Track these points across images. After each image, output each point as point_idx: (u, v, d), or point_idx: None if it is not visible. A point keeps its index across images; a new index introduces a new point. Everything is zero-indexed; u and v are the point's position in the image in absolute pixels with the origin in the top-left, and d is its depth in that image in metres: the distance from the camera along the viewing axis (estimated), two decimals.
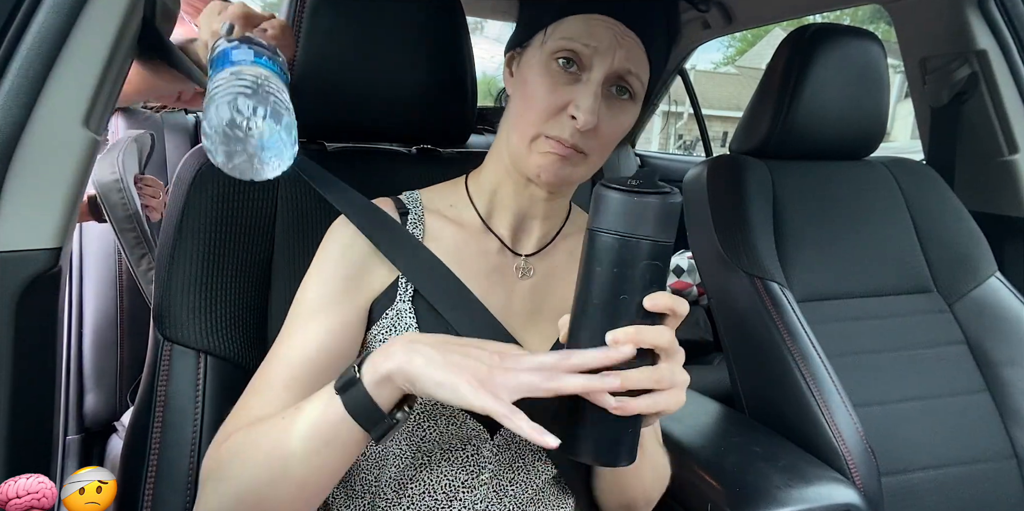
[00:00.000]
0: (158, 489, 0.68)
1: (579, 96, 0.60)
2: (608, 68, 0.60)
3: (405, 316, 0.64)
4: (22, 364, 0.54)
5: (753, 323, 1.08)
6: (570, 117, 0.60)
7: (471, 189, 0.72)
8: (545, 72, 0.61)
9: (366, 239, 0.65)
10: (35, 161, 0.54)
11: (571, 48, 0.60)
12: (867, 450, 0.97)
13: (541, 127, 0.61)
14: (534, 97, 0.61)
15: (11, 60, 0.52)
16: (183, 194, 0.74)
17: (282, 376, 0.61)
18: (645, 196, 0.48)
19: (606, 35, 0.60)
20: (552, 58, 0.61)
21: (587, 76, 0.60)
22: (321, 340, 0.62)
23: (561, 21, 0.61)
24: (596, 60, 0.60)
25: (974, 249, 1.21)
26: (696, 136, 2.58)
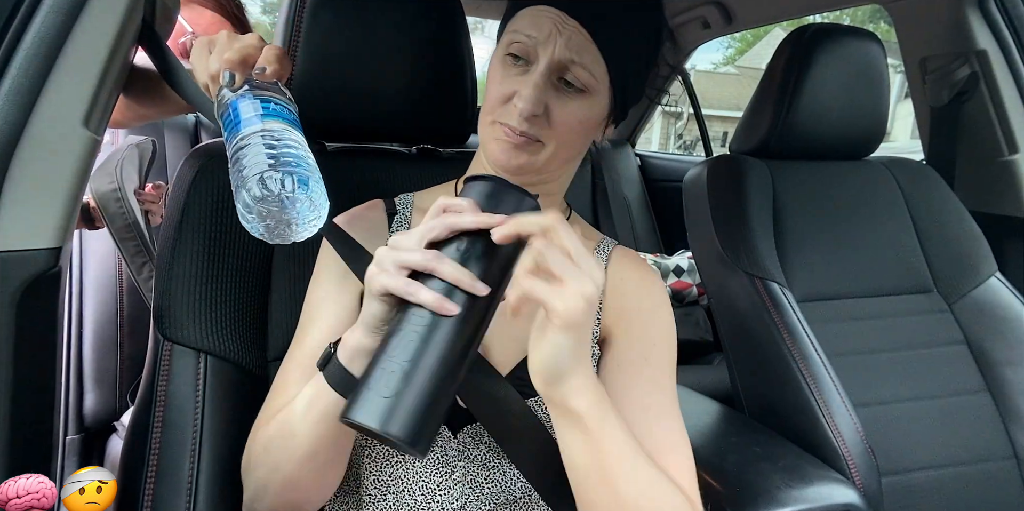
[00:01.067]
0: (158, 489, 0.68)
1: (522, 85, 0.63)
2: (549, 58, 0.61)
3: None
4: (22, 364, 0.54)
5: (753, 323, 1.08)
6: (515, 105, 0.63)
7: (459, 187, 0.72)
8: (499, 65, 0.65)
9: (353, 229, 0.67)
10: (35, 161, 0.54)
11: (516, 40, 0.63)
12: (867, 450, 0.97)
13: (494, 115, 0.65)
14: (489, 88, 0.66)
15: (11, 60, 0.52)
16: (183, 194, 0.74)
17: (295, 373, 0.65)
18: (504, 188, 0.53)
19: (547, 26, 0.62)
20: (505, 52, 0.64)
21: (532, 68, 0.63)
22: (326, 335, 0.65)
23: (514, 17, 0.65)
24: (540, 51, 0.62)
25: (974, 249, 1.21)
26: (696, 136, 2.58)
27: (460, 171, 0.74)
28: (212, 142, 0.79)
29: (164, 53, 0.68)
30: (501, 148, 0.64)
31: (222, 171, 0.75)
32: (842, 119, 1.19)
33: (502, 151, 0.64)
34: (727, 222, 1.15)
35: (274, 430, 0.60)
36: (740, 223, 1.13)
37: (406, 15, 0.79)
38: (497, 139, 0.65)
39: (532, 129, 0.63)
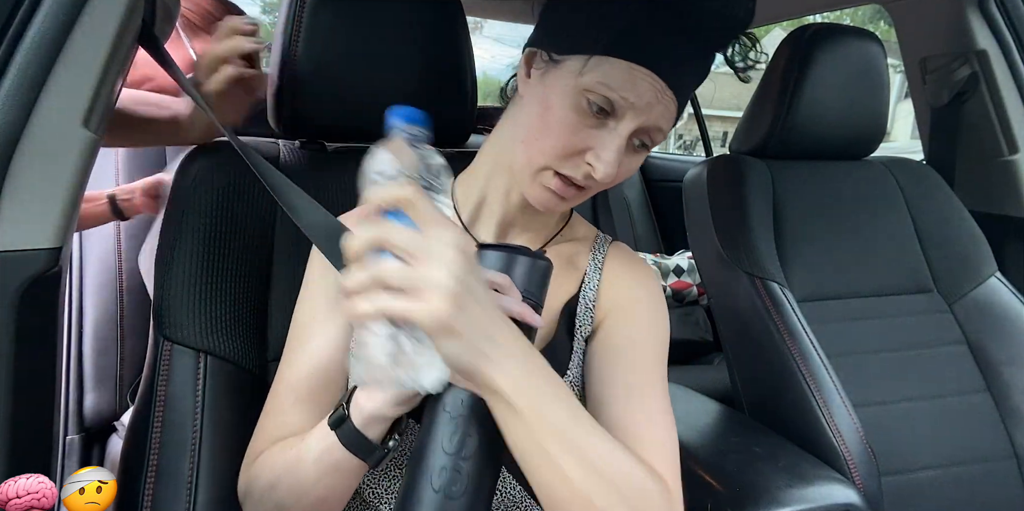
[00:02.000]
0: (158, 489, 0.68)
1: (602, 146, 0.58)
2: (639, 124, 0.58)
3: None
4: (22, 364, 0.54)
5: (753, 323, 1.08)
6: (587, 163, 0.58)
7: (458, 191, 0.71)
8: (573, 108, 0.58)
9: None
10: (35, 161, 0.54)
11: (609, 96, 0.56)
12: (867, 450, 0.97)
13: (554, 162, 0.59)
14: (554, 131, 0.58)
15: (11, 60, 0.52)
16: (183, 194, 0.74)
17: (289, 398, 0.64)
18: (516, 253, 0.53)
19: (648, 92, 0.56)
20: (584, 96, 0.57)
21: (615, 124, 0.58)
22: (316, 358, 0.64)
23: (605, 59, 0.56)
24: (629, 114, 0.57)
25: (974, 249, 1.21)
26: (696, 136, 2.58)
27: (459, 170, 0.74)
28: (212, 142, 0.79)
29: (165, 52, 0.68)
30: (548, 198, 0.61)
31: (222, 171, 0.76)
32: (842, 119, 1.19)
33: (548, 200, 0.62)
34: (727, 222, 1.15)
35: (281, 469, 0.59)
36: (740, 223, 1.13)
37: (406, 15, 0.79)
38: (547, 188, 0.61)
39: (592, 183, 0.60)
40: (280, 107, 0.78)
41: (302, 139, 0.84)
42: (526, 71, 0.64)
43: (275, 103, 0.78)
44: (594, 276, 0.71)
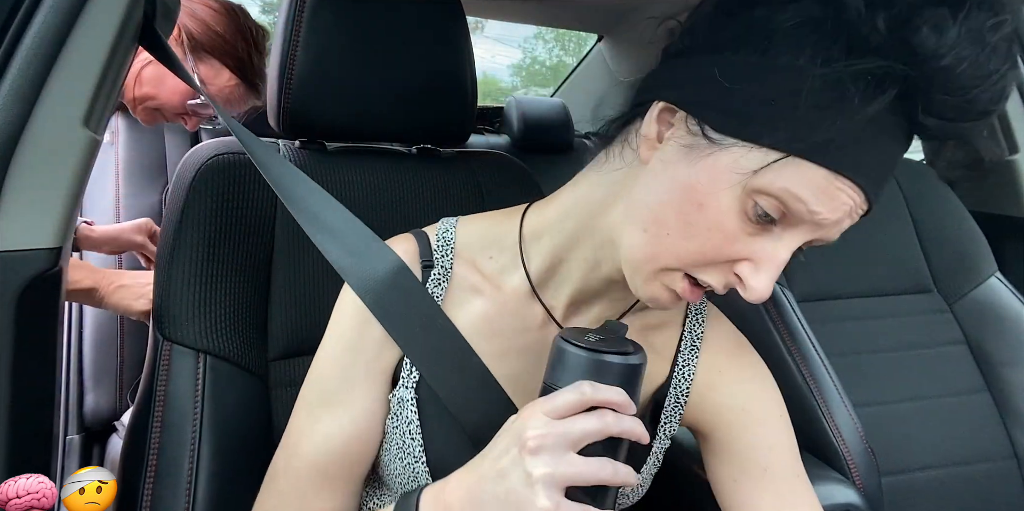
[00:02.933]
0: (157, 489, 0.68)
1: (764, 258, 0.45)
2: (815, 237, 0.47)
3: (406, 407, 0.55)
4: (22, 364, 0.54)
5: (753, 323, 1.08)
6: (735, 273, 0.46)
7: (527, 242, 0.56)
8: (735, 213, 0.44)
9: None
10: (35, 161, 0.54)
11: (792, 208, 0.43)
12: (867, 450, 0.97)
13: (689, 266, 0.47)
14: (702, 236, 0.45)
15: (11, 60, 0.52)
16: (183, 194, 0.74)
17: (313, 478, 0.55)
18: (603, 355, 0.45)
19: (844, 207, 0.44)
20: (753, 199, 0.44)
21: (782, 232, 0.45)
22: (348, 437, 0.55)
23: (797, 161, 0.42)
24: (807, 227, 0.45)
25: (974, 249, 1.21)
26: None
27: (460, 171, 0.74)
28: (212, 142, 0.79)
29: (166, 51, 0.68)
30: (668, 299, 0.49)
31: (223, 171, 0.76)
32: None
33: (667, 302, 0.50)
34: None
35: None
36: None
37: (406, 15, 0.79)
38: (669, 289, 0.49)
39: None
40: (280, 107, 0.78)
41: (302, 139, 0.84)
42: (656, 131, 0.49)
43: (275, 103, 0.78)
44: (691, 358, 0.60)
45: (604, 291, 0.56)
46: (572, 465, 0.42)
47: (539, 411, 0.44)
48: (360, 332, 0.56)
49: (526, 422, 0.44)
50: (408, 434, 0.55)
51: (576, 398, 0.43)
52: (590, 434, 0.43)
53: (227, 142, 0.78)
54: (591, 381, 0.44)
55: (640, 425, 0.44)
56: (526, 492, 0.42)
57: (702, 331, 0.61)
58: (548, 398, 0.44)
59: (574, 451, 0.43)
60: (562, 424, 0.43)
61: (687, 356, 0.60)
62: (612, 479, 0.43)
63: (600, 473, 0.42)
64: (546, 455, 0.42)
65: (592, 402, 0.43)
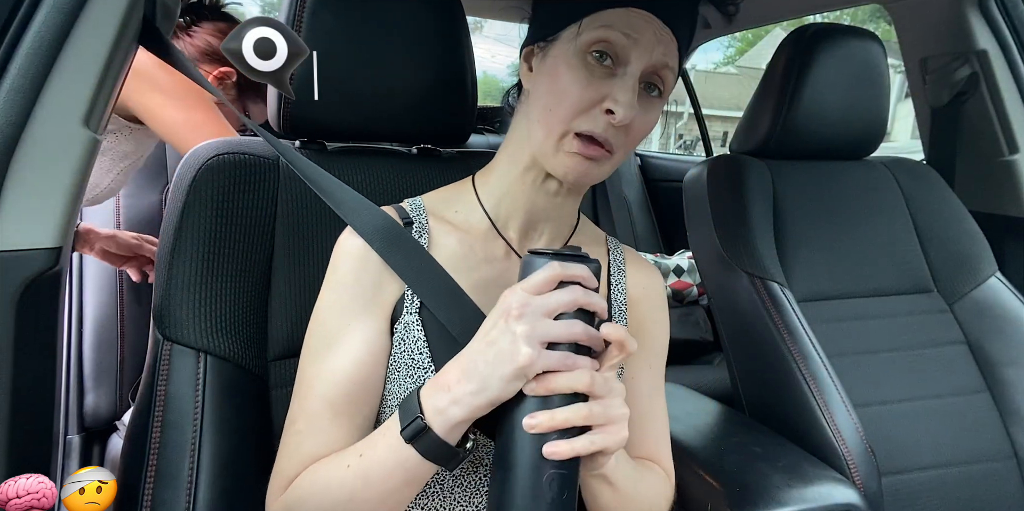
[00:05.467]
0: (158, 489, 0.68)
1: (616, 90, 0.58)
2: (647, 62, 0.59)
3: (413, 329, 0.63)
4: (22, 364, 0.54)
5: (753, 323, 1.08)
6: (605, 112, 0.58)
7: (480, 191, 0.70)
8: (580, 65, 0.59)
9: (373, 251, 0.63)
10: (35, 161, 0.54)
11: (609, 38, 0.58)
12: (867, 450, 0.97)
13: (571, 123, 0.59)
14: (566, 91, 0.59)
15: (11, 60, 0.52)
16: (183, 194, 0.74)
17: (327, 413, 0.61)
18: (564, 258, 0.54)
19: (647, 28, 0.58)
20: (588, 51, 0.59)
21: (623, 70, 0.59)
22: (354, 366, 0.61)
23: (598, 13, 0.59)
24: (634, 54, 0.58)
25: (974, 249, 1.21)
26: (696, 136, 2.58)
27: (461, 171, 0.74)
28: (212, 142, 0.79)
29: (168, 50, 0.68)
30: (575, 162, 0.60)
31: (223, 170, 0.76)
32: (842, 119, 1.19)
33: (576, 165, 0.60)
34: (727, 222, 1.15)
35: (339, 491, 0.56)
36: (740, 223, 1.13)
37: (406, 15, 0.79)
38: (571, 153, 0.60)
39: (614, 136, 0.60)
40: (280, 107, 0.78)
41: (302, 139, 0.84)
42: (527, 67, 0.66)
43: (275, 103, 0.78)
44: (620, 278, 0.73)
45: (548, 209, 0.68)
46: (549, 326, 0.51)
47: (519, 289, 0.53)
48: (356, 276, 0.63)
49: (510, 298, 0.53)
50: (417, 351, 0.62)
51: (550, 274, 0.52)
52: (564, 304, 0.51)
53: (228, 142, 0.78)
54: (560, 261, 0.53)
55: (602, 300, 0.53)
56: (511, 348, 0.51)
57: (623, 258, 0.75)
58: (527, 279, 0.53)
59: (551, 318, 0.51)
60: (540, 297, 0.52)
61: (617, 276, 0.73)
62: (585, 337, 0.52)
63: (573, 329, 0.51)
64: (527, 318, 0.51)
65: (563, 277, 0.52)
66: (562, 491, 0.51)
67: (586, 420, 0.51)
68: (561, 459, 0.50)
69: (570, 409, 0.51)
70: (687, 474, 0.86)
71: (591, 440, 0.51)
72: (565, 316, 0.52)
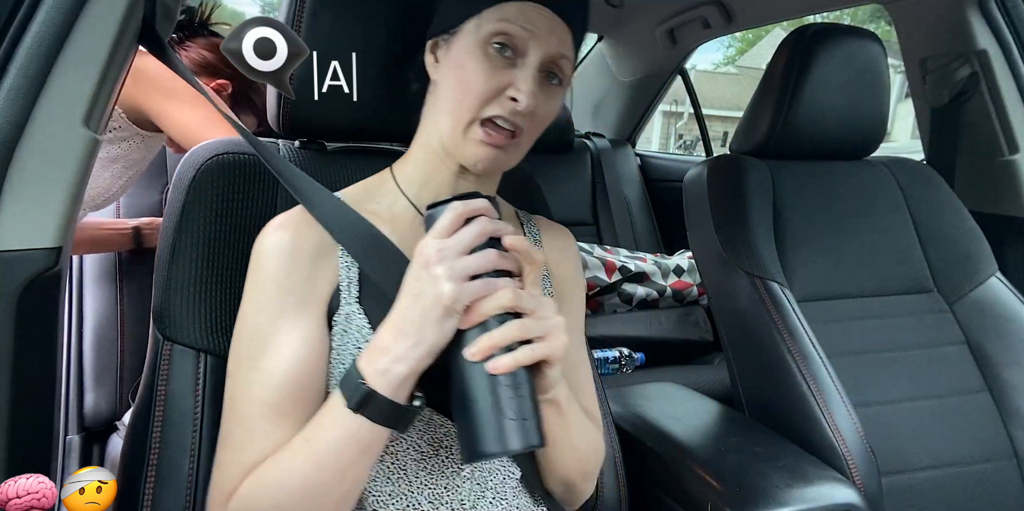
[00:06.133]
0: (158, 489, 0.68)
1: (518, 79, 0.62)
2: (544, 53, 0.62)
3: (355, 318, 0.63)
4: (22, 364, 0.54)
5: (753, 323, 1.08)
6: (509, 99, 0.62)
7: (400, 181, 0.71)
8: (482, 57, 0.62)
9: (307, 247, 0.63)
10: (35, 161, 0.54)
11: (508, 31, 0.62)
12: (867, 450, 0.97)
13: (477, 111, 0.62)
14: (471, 81, 0.62)
15: (11, 60, 0.52)
16: (183, 194, 0.74)
17: (267, 417, 0.59)
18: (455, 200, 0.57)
19: (541, 21, 0.62)
20: (488, 42, 0.62)
21: (523, 61, 0.62)
22: (295, 365, 0.60)
23: (495, 7, 0.63)
24: (532, 45, 0.62)
25: (974, 249, 1.21)
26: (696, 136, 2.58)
27: None
28: (212, 142, 0.79)
29: (165, 51, 0.68)
30: (484, 151, 0.63)
31: (223, 170, 0.76)
32: (842, 119, 1.19)
33: (485, 154, 0.63)
34: (727, 222, 1.15)
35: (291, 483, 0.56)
36: (740, 223, 1.13)
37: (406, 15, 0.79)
38: (479, 141, 0.63)
39: (520, 123, 0.63)
40: (280, 107, 0.78)
41: (302, 139, 0.84)
42: (434, 58, 0.68)
43: (275, 103, 0.78)
44: (537, 247, 0.76)
45: None
46: (467, 261, 0.54)
47: (429, 238, 0.55)
48: (287, 273, 0.63)
49: (424, 249, 0.55)
50: (363, 339, 0.63)
51: (454, 214, 0.55)
52: (474, 235, 0.54)
53: (227, 142, 0.78)
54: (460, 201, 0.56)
55: (509, 227, 0.56)
56: (435, 291, 0.53)
57: (536, 228, 0.79)
58: (434, 226, 0.56)
59: (466, 254, 0.54)
60: (452, 238, 0.55)
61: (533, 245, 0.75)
62: (501, 261, 0.55)
63: (489, 257, 0.54)
64: (446, 260, 0.53)
65: (466, 213, 0.55)
66: (520, 408, 0.53)
67: (522, 333, 0.54)
68: (506, 371, 0.53)
69: (504, 327, 0.53)
70: (687, 474, 0.86)
71: (532, 348, 0.54)
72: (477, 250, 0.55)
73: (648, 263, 1.88)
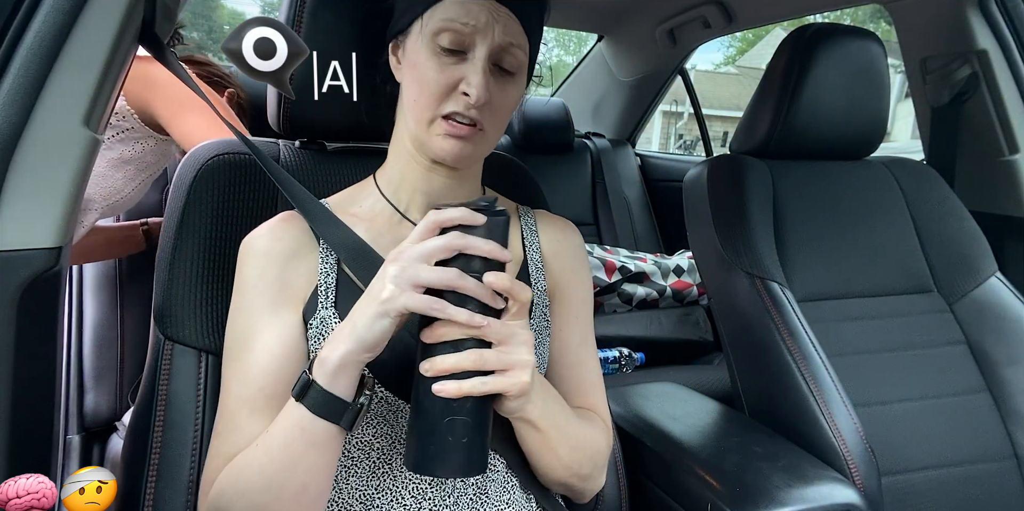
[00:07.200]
0: (159, 488, 0.68)
1: (468, 73, 0.62)
2: (490, 44, 0.63)
3: (330, 322, 0.64)
4: (22, 364, 0.54)
5: (753, 323, 1.08)
6: (463, 94, 0.62)
7: (380, 184, 0.73)
8: (431, 55, 0.63)
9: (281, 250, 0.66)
10: (35, 161, 0.54)
11: (450, 28, 0.62)
12: (867, 450, 0.97)
13: (436, 108, 0.63)
14: (425, 80, 0.63)
15: (11, 60, 0.52)
16: (183, 194, 0.74)
17: (243, 412, 0.62)
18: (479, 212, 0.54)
19: (482, 13, 0.62)
20: (434, 41, 0.63)
21: (471, 55, 0.63)
22: (268, 361, 0.63)
23: (436, 6, 0.63)
24: (477, 38, 0.62)
25: (974, 249, 1.21)
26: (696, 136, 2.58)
27: None
28: (212, 142, 0.79)
29: (165, 51, 0.68)
30: (449, 144, 0.64)
31: (223, 171, 0.76)
32: (842, 119, 1.19)
33: (451, 147, 0.64)
34: (727, 222, 1.15)
35: (250, 471, 0.58)
36: (740, 223, 1.13)
37: None
38: (442, 135, 0.64)
39: (478, 115, 0.63)
40: (280, 107, 0.78)
41: (302, 139, 0.84)
42: (396, 60, 0.70)
43: (275, 103, 0.78)
44: (533, 239, 0.76)
45: (444, 191, 0.71)
46: (421, 270, 0.52)
47: (403, 244, 0.55)
48: (260, 274, 0.65)
49: (392, 251, 0.55)
50: None
51: (424, 225, 0.54)
52: (438, 247, 0.52)
53: (228, 142, 0.78)
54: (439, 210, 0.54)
55: (488, 243, 0.53)
56: (378, 287, 0.53)
57: (533, 220, 0.78)
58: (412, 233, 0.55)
59: (427, 263, 0.52)
60: (417, 245, 0.53)
61: (529, 237, 0.76)
62: (460, 284, 0.52)
63: (446, 275, 0.52)
64: (399, 262, 0.53)
65: (439, 223, 0.54)
66: (463, 434, 0.52)
67: (476, 365, 0.52)
68: (449, 397, 0.52)
69: (458, 355, 0.52)
70: (687, 474, 0.86)
71: (482, 381, 0.52)
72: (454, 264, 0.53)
73: (648, 263, 1.88)
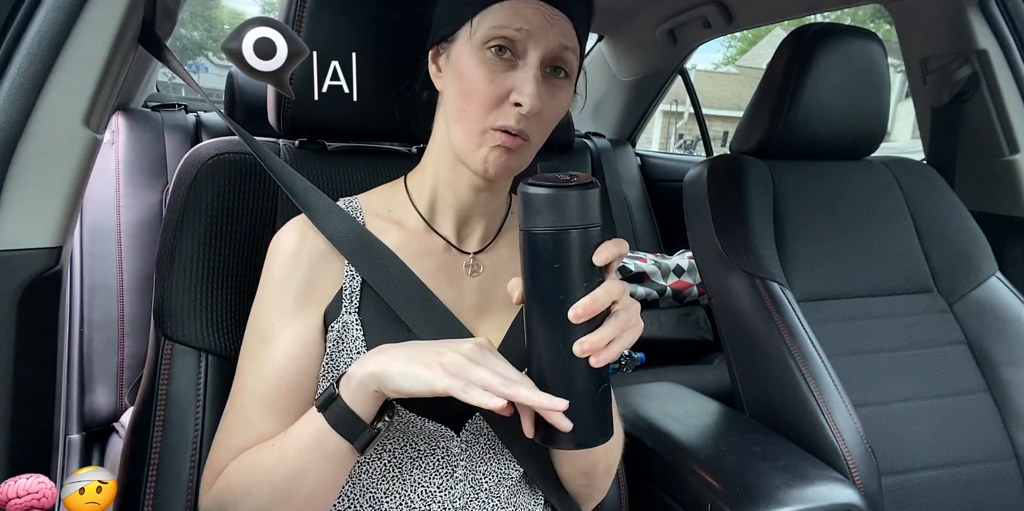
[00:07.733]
0: (159, 488, 0.68)
1: (520, 82, 0.59)
2: (544, 50, 0.60)
3: (351, 328, 0.64)
4: (23, 364, 0.54)
5: (753, 323, 1.08)
6: (514, 104, 0.60)
7: (411, 191, 0.71)
8: (480, 63, 0.60)
9: (309, 250, 0.65)
10: (35, 161, 0.54)
11: (503, 35, 0.59)
12: (867, 450, 0.97)
13: (486, 120, 0.61)
14: (473, 90, 0.60)
15: (11, 60, 0.52)
16: (183, 194, 0.74)
17: (255, 407, 0.62)
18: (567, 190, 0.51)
19: (536, 17, 0.59)
20: (484, 48, 0.60)
21: (523, 61, 0.60)
22: (285, 360, 0.63)
23: (487, 10, 0.60)
24: (530, 44, 0.60)
25: (975, 249, 1.21)
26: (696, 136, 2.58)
27: None
28: (212, 142, 0.79)
29: (164, 51, 0.68)
30: (498, 155, 0.61)
31: (223, 170, 0.76)
32: (842, 119, 1.19)
33: (498, 158, 0.61)
34: (727, 222, 1.15)
35: (260, 471, 0.58)
36: (740, 223, 1.13)
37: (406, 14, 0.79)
38: (495, 147, 0.61)
39: (528, 126, 0.61)
40: (280, 107, 0.78)
41: (302, 139, 0.84)
42: (436, 68, 0.67)
43: (275, 103, 0.78)
44: None
45: (479, 208, 0.69)
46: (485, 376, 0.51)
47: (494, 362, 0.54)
48: (287, 274, 0.65)
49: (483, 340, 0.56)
50: (355, 351, 0.63)
51: None
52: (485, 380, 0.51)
53: (228, 142, 0.78)
54: None
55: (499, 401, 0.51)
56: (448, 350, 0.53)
57: None
58: None
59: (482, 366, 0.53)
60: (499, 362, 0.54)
61: None
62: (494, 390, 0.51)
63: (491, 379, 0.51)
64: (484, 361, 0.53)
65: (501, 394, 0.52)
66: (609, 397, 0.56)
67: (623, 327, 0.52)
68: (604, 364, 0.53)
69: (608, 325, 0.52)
70: (687, 474, 0.86)
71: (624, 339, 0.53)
72: None
73: (648, 263, 1.88)
